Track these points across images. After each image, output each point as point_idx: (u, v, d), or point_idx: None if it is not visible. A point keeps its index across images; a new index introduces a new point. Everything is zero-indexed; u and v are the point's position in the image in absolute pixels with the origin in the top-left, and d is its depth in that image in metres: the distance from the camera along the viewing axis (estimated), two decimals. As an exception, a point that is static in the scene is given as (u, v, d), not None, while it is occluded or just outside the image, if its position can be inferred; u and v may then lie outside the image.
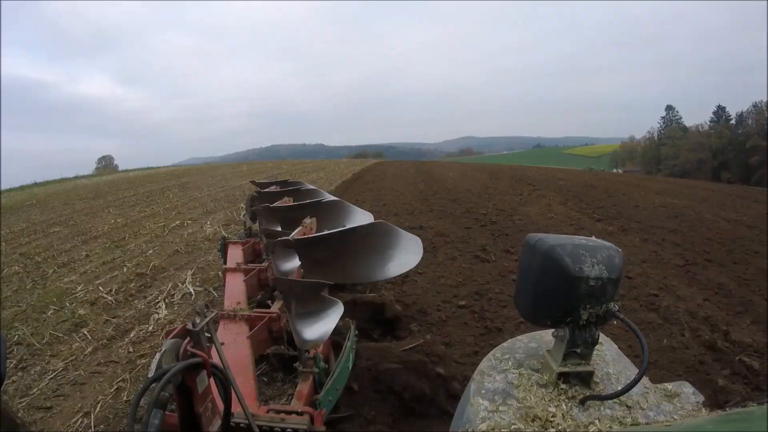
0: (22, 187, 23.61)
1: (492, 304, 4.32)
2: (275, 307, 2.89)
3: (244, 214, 5.05)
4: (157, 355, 1.33)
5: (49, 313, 4.66)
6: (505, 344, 1.31)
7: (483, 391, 1.08)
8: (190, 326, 1.42)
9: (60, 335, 4.10)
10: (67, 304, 4.83)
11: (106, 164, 62.49)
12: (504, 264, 5.50)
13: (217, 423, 1.54)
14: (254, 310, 2.91)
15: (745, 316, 4.31)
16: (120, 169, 44.96)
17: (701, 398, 1.06)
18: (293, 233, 2.53)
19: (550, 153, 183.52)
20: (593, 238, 1.09)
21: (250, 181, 5.77)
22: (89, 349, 3.76)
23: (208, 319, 1.46)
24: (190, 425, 1.45)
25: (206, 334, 1.47)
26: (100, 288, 5.20)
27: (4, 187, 24.01)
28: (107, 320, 4.33)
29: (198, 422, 1.45)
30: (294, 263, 2.85)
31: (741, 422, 0.75)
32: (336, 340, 2.86)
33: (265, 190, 4.69)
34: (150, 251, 6.81)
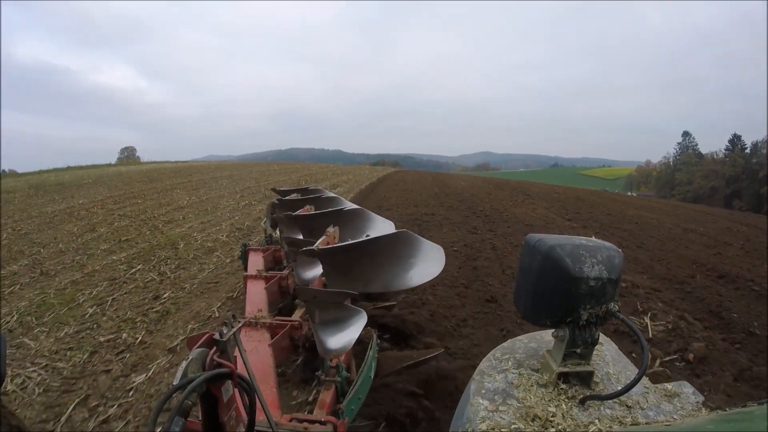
0: (56, 169, 25.69)
1: (473, 250, 6.86)
2: (297, 315, 2.94)
3: (265, 221, 5.16)
4: (183, 364, 1.30)
5: (181, 246, 7.10)
6: (505, 344, 1.34)
7: (483, 391, 1.10)
8: (216, 336, 1.42)
9: (200, 255, 6.57)
10: (193, 242, 7.28)
11: (128, 155, 63.13)
12: (486, 235, 7.99)
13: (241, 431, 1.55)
14: (276, 317, 2.91)
15: (643, 274, 6.45)
16: (141, 161, 45.12)
17: (701, 398, 1.09)
18: (317, 243, 2.52)
19: (566, 173, 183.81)
20: (593, 238, 1.13)
21: (271, 189, 6.14)
22: (228, 261, 6.16)
23: (234, 329, 1.47)
24: None
25: (233, 344, 1.47)
26: (212, 234, 7.64)
27: (26, 169, 26.05)
28: (231, 248, 6.77)
29: (222, 431, 1.46)
30: (316, 272, 2.92)
31: (741, 422, 0.76)
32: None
33: (286, 198, 4.83)
34: (236, 217, 9.33)
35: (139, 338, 4.12)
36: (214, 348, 1.39)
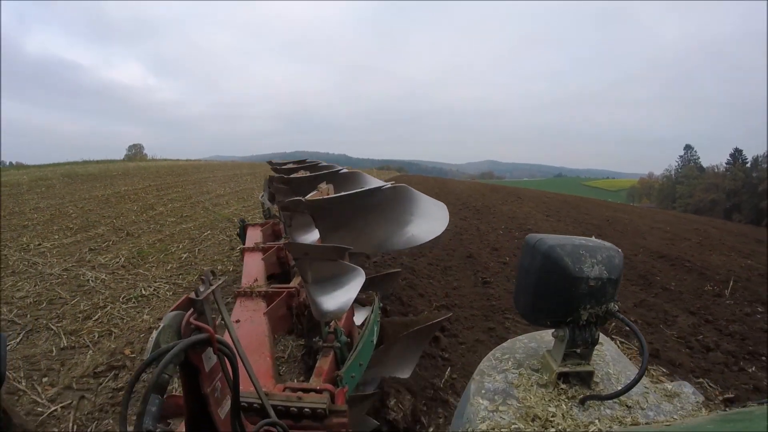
0: (72, 162, 25.91)
1: (462, 229, 8.94)
2: (294, 282, 2.81)
3: (262, 196, 5.02)
4: (154, 333, 1.12)
5: (236, 221, 8.87)
6: (505, 344, 1.36)
7: (483, 391, 1.12)
8: (193, 296, 1.22)
9: (252, 226, 8.35)
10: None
11: (136, 152, 62.32)
12: (473, 222, 10.07)
13: (228, 404, 1.36)
14: (272, 285, 2.82)
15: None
16: (148, 158, 43.92)
17: (701, 398, 1.11)
18: (307, 196, 2.37)
19: (570, 183, 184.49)
20: (593, 238, 1.15)
21: (268, 162, 6.00)
22: (273, 229, 7.99)
23: (214, 287, 1.28)
24: (197, 407, 1.30)
25: (212, 305, 1.28)
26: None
27: (33, 161, 26.41)
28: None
29: (206, 404, 1.29)
30: (313, 236, 2.82)
31: (741, 422, 0.76)
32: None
33: (283, 168, 4.67)
34: (271, 202, 11.13)
35: (231, 268, 5.95)
36: (191, 310, 1.22)
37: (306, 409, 1.63)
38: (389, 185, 2.37)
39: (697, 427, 0.89)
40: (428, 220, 2.39)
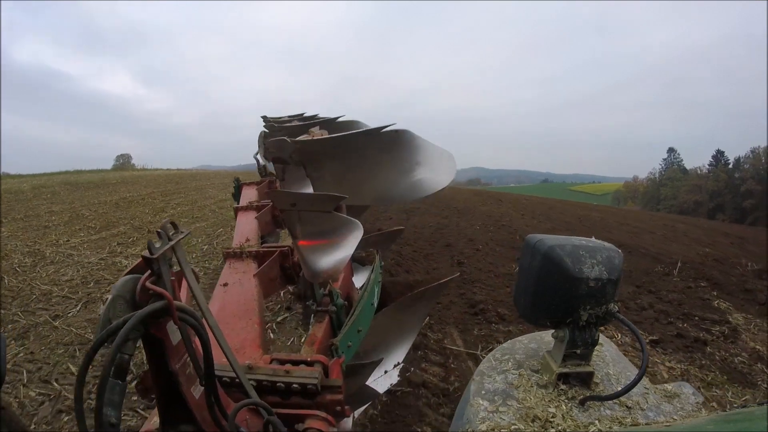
0: (65, 172, 25.33)
1: (443, 225, 10.03)
2: (288, 240, 2.46)
3: (257, 153, 4.77)
4: (102, 308, 0.94)
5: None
6: (505, 345, 1.38)
7: (483, 392, 1.13)
8: (147, 254, 0.97)
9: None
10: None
11: (124, 162, 60.24)
12: (453, 219, 11.11)
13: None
14: (263, 245, 2.62)
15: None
16: (138, 167, 41.61)
17: (701, 398, 1.13)
18: (297, 138, 2.07)
19: (556, 188, 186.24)
20: (593, 238, 1.16)
21: (261, 117, 5.50)
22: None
23: (173, 242, 1.07)
24: (167, 386, 1.10)
25: (170, 264, 1.05)
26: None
27: (21, 171, 25.83)
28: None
29: (175, 381, 1.08)
30: (309, 190, 2.41)
31: (741, 422, 0.77)
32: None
33: (277, 120, 4.40)
34: (273, 204, 12.14)
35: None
36: (148, 272, 0.98)
37: (295, 385, 1.41)
38: (391, 127, 2.09)
39: (697, 428, 0.90)
40: (434, 170, 2.21)
